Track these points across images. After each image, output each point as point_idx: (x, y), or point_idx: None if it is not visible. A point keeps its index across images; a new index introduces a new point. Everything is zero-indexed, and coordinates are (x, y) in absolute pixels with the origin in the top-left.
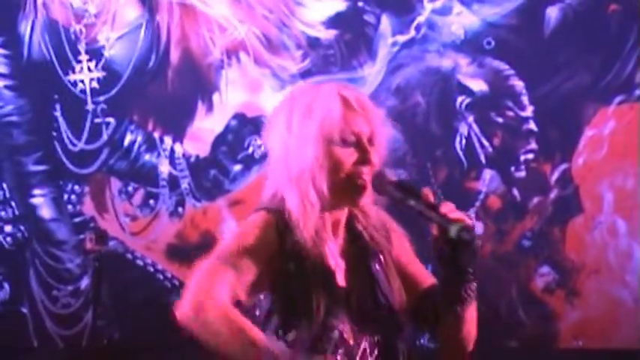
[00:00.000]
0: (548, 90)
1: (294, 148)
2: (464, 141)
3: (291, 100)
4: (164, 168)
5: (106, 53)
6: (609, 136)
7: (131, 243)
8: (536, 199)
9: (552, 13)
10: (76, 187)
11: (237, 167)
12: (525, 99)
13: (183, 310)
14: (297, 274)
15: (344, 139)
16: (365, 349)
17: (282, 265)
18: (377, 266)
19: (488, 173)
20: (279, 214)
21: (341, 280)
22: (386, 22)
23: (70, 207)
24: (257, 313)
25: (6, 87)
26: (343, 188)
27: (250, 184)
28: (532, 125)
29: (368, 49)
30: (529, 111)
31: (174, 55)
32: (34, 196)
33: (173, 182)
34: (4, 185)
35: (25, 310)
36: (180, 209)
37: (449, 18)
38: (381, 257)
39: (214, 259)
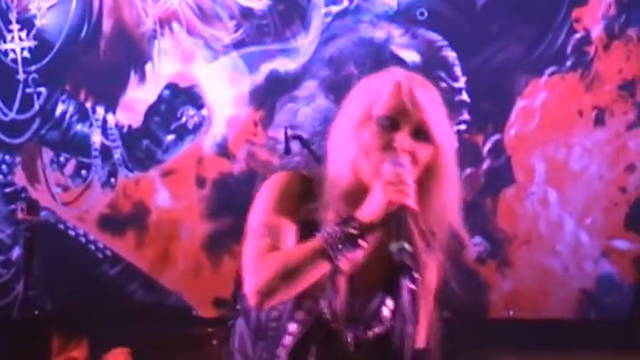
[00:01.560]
0: (481, 61)
1: (338, 124)
2: None
3: (361, 81)
4: (96, 138)
5: (38, 22)
6: (541, 107)
7: (63, 213)
8: (468, 170)
9: None
10: (7, 157)
11: (170, 137)
12: (458, 70)
13: (253, 302)
14: (304, 235)
15: (381, 122)
16: (349, 341)
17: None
18: (407, 283)
19: None
20: (308, 177)
21: (345, 265)
22: None
23: (0, 177)
24: None
25: None
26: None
27: (183, 155)
28: (464, 96)
29: (301, 20)
30: (462, 82)
31: (107, 25)
32: None
33: (105, 152)
34: None
35: None
36: (112, 179)
37: None
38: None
39: (254, 237)
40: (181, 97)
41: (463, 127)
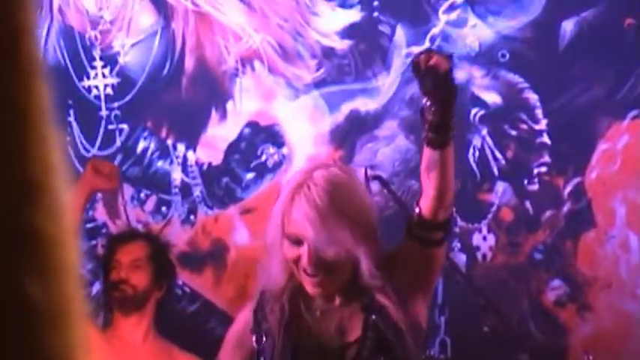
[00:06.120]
0: (562, 103)
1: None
2: (477, 153)
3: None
4: (177, 175)
5: (121, 60)
6: (623, 150)
7: None
8: (548, 212)
9: (567, 26)
10: None
11: (250, 175)
12: (539, 112)
13: None
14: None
15: (288, 239)
16: None
17: None
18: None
19: (500, 186)
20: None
21: None
22: (400, 33)
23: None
24: None
25: None
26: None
27: (262, 193)
28: (545, 138)
29: (382, 60)
30: (543, 124)
31: (189, 63)
32: None
33: (185, 189)
34: None
35: None
36: (192, 217)
37: (463, 30)
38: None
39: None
40: (262, 135)
41: (544, 169)
